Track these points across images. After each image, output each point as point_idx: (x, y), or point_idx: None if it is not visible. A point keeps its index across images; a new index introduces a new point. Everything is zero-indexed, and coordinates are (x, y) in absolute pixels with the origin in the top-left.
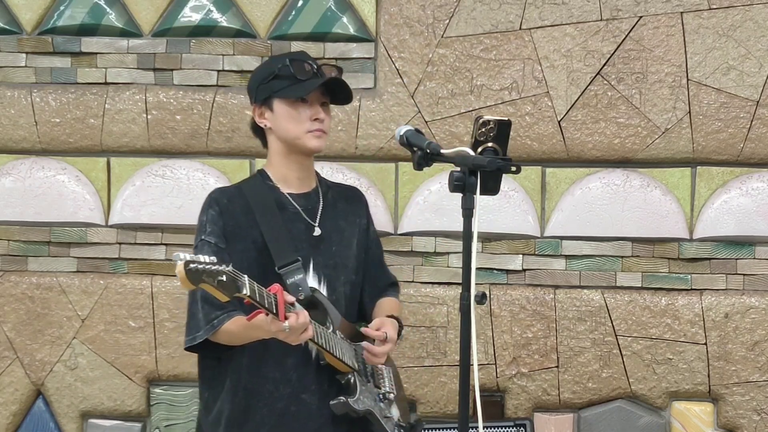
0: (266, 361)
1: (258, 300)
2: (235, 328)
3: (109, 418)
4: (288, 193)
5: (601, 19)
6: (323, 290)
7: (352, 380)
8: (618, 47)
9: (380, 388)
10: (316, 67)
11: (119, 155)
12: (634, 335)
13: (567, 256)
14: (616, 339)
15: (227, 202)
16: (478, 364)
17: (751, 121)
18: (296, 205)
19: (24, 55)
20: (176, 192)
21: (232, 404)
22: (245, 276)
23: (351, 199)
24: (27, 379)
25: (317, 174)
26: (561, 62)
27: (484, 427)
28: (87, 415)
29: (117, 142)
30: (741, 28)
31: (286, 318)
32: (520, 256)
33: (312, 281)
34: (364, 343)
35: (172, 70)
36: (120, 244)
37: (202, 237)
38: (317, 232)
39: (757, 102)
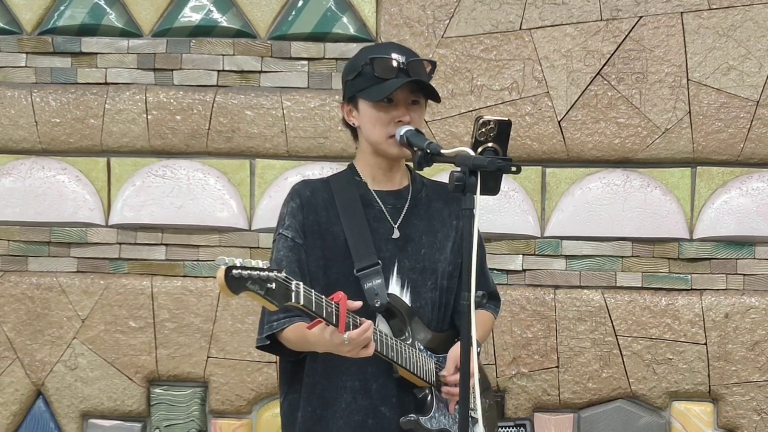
0: (345, 368)
1: (314, 310)
2: (293, 336)
3: (109, 418)
4: (375, 190)
5: (601, 19)
6: (406, 296)
7: (428, 397)
8: (618, 47)
9: None
10: (404, 64)
11: (119, 155)
12: (634, 335)
13: (567, 256)
14: (616, 339)
15: (309, 195)
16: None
17: (751, 121)
18: (381, 204)
19: (24, 55)
20: (176, 192)
21: (305, 411)
22: (300, 284)
23: (450, 198)
24: (27, 379)
25: (412, 171)
26: (561, 62)
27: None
28: (87, 415)
29: (117, 142)
30: (741, 28)
31: (347, 329)
32: (520, 256)
33: (395, 286)
34: (444, 386)
35: (172, 70)
36: (120, 244)
37: (280, 231)
38: (396, 234)
39: (757, 102)
